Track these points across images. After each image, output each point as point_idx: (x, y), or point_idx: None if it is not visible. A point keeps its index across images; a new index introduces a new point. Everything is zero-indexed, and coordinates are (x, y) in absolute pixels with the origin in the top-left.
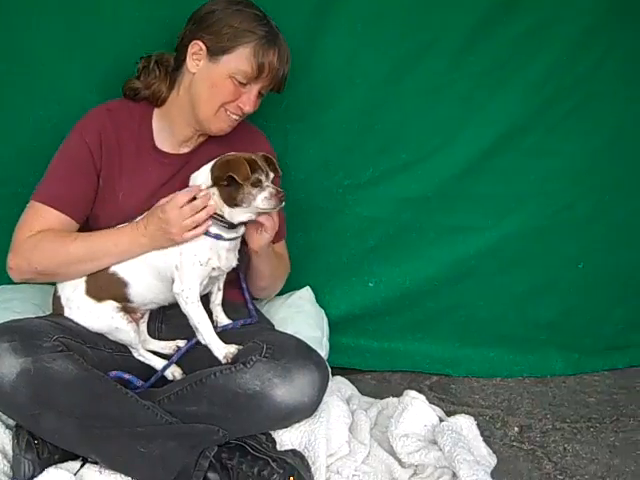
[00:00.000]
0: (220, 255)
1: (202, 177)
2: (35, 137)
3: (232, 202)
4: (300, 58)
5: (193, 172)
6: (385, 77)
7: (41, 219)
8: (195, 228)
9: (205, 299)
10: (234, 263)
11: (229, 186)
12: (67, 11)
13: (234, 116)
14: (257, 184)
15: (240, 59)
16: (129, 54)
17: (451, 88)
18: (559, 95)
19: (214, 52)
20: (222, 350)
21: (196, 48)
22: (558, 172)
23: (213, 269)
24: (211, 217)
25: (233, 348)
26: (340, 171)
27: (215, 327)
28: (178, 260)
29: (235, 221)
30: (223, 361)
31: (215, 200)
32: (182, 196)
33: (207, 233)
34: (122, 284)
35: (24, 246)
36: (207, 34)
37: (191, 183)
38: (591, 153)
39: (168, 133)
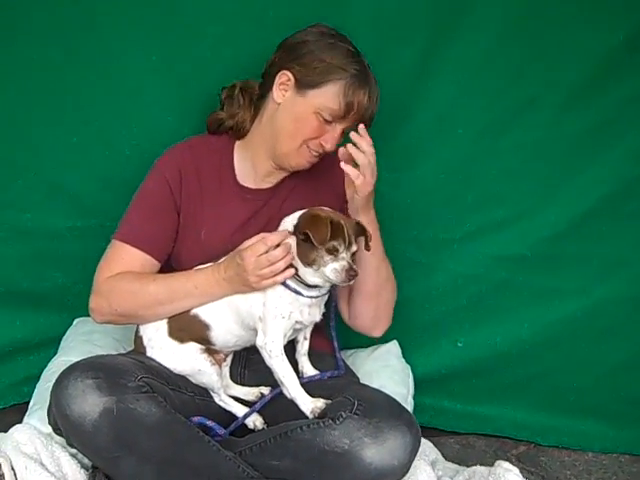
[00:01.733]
0: (302, 310)
1: (290, 223)
2: (124, 169)
3: (304, 260)
4: (401, 104)
5: (277, 207)
6: (486, 129)
7: (121, 259)
8: (274, 277)
9: (291, 347)
10: (317, 318)
11: (305, 242)
12: (164, 43)
13: (314, 153)
14: (333, 252)
15: (328, 96)
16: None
17: (552, 145)
18: None
19: (302, 85)
20: (309, 405)
21: (284, 78)
22: None
23: (297, 322)
24: (291, 267)
25: (320, 402)
26: (436, 224)
27: (300, 378)
28: (261, 311)
29: (307, 281)
30: (310, 416)
31: (293, 251)
32: (260, 245)
33: (287, 286)
34: (204, 327)
35: (104, 287)
36: (297, 65)
37: (281, 227)
38: None
39: (249, 168)
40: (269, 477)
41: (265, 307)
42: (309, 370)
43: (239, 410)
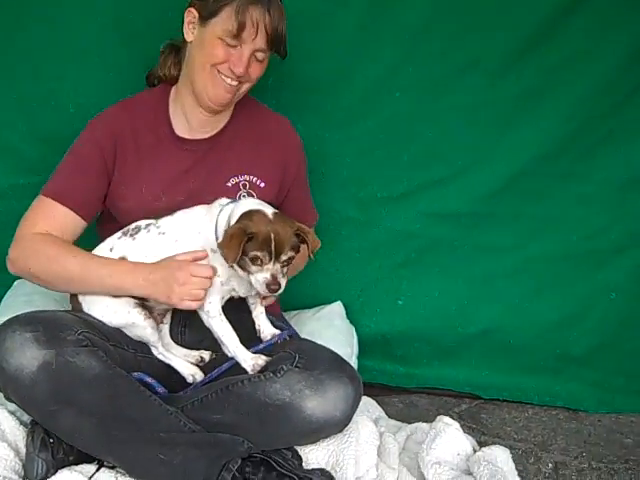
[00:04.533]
0: (240, 282)
1: (225, 214)
2: (67, 126)
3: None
4: (342, 67)
5: (217, 160)
6: (425, 92)
7: (46, 215)
8: (193, 301)
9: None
10: (253, 292)
11: None
12: (110, 3)
13: (228, 80)
14: (256, 263)
15: (224, 18)
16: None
17: (488, 108)
18: (592, 123)
19: (204, 17)
20: (250, 361)
21: (190, 16)
22: (589, 198)
23: (233, 289)
24: None
25: (261, 360)
26: (374, 183)
27: (256, 344)
28: None
29: (240, 274)
30: (251, 372)
31: None
32: (206, 270)
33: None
34: None
35: (25, 242)
36: (198, 0)
37: (215, 205)
38: (622, 182)
39: (183, 119)
40: (211, 431)
41: None
42: (266, 329)
43: (178, 364)
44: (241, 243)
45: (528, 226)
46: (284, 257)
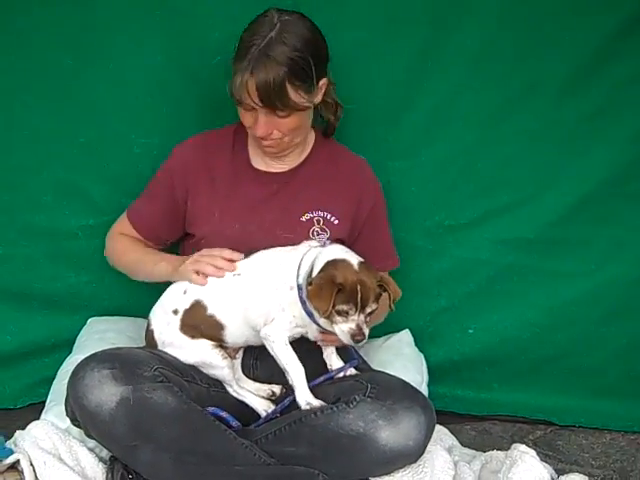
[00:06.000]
0: (312, 328)
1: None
2: (133, 166)
3: (318, 312)
4: (403, 95)
5: (293, 195)
6: (487, 118)
7: (124, 229)
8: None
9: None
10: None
11: None
12: (171, 42)
13: (261, 140)
14: (343, 314)
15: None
16: None
17: (553, 131)
18: None
19: None
20: (307, 397)
21: None
22: None
23: (306, 332)
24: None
25: (317, 403)
26: (441, 211)
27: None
28: (277, 314)
29: (320, 324)
30: (302, 407)
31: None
32: (227, 252)
33: (307, 310)
34: (219, 327)
35: (109, 242)
36: None
37: (302, 246)
38: None
39: (259, 151)
40: (285, 463)
41: (284, 311)
42: (336, 364)
43: (252, 400)
44: (332, 294)
45: (600, 250)
46: (369, 309)
